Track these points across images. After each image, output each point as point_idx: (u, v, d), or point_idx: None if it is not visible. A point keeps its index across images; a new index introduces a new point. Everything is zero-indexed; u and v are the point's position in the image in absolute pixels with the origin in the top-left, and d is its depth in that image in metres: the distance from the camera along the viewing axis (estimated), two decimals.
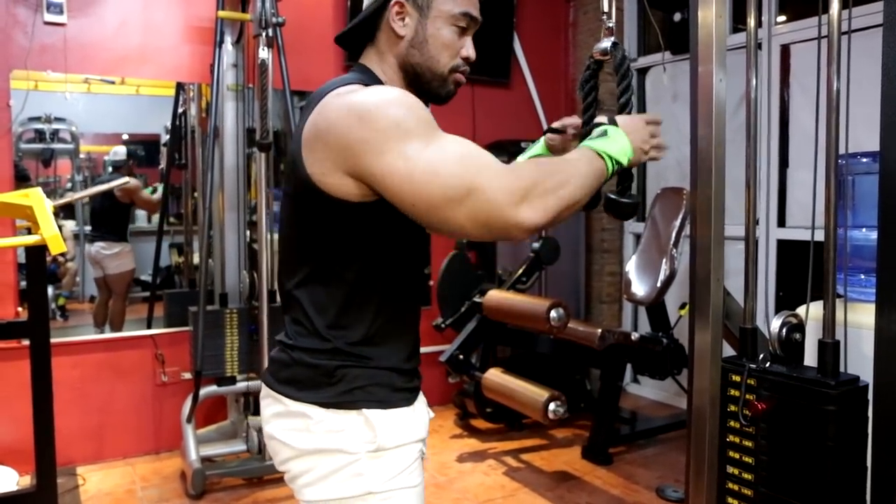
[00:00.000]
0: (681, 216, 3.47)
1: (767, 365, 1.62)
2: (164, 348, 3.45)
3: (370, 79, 1.20)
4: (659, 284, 3.45)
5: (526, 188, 1.03)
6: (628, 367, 4.22)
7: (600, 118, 1.29)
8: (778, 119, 3.61)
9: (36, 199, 2.28)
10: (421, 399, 1.27)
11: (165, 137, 3.82)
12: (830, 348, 1.52)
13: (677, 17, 3.95)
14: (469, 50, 1.24)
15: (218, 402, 3.51)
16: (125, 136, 3.78)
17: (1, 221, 3.06)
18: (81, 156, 3.69)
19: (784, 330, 1.64)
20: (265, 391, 1.24)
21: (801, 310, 2.03)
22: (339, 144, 1.07)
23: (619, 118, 1.25)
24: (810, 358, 1.73)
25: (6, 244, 2.63)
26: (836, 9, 1.52)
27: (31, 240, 2.20)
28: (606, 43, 1.36)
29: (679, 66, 4.13)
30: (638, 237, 4.29)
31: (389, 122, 1.04)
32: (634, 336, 3.31)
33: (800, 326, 1.66)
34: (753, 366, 1.62)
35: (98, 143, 3.78)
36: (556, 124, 1.42)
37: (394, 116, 1.05)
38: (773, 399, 1.53)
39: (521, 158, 1.43)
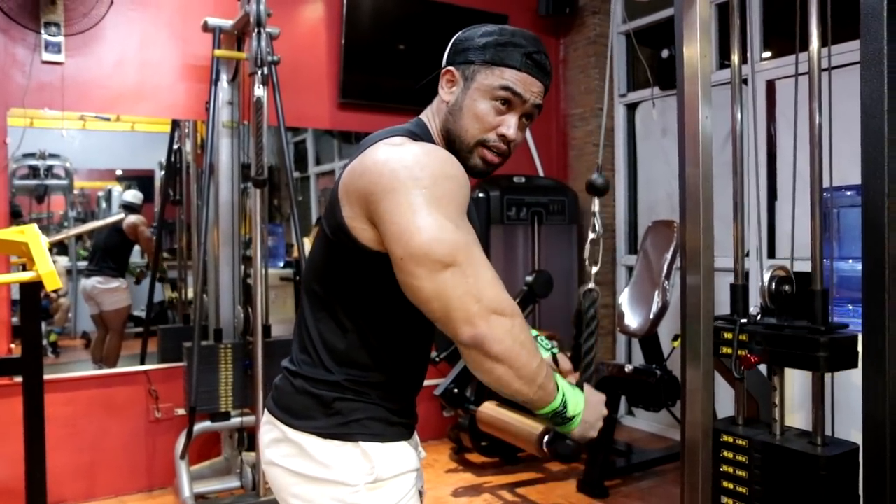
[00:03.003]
0: (672, 248, 3.51)
1: (759, 318, 1.65)
2: (157, 384, 3.44)
3: (422, 132, 1.25)
4: (652, 316, 3.48)
5: (505, 310, 1.05)
6: (622, 399, 4.22)
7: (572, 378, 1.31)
8: (765, 153, 3.67)
9: (31, 235, 2.29)
10: (415, 437, 1.32)
11: (160, 173, 3.85)
12: (820, 296, 1.55)
13: (665, 53, 4.04)
14: (507, 129, 1.21)
15: (212, 437, 3.48)
16: (119, 172, 3.81)
17: None
18: (75, 192, 3.71)
19: (773, 283, 1.68)
20: (266, 416, 1.27)
21: None
22: (367, 189, 1.10)
23: (586, 388, 1.25)
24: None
25: (1, 281, 2.63)
26: (816, 46, 1.58)
27: (26, 276, 2.21)
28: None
29: (668, 102, 4.21)
30: (630, 269, 4.32)
31: (419, 179, 1.06)
32: (628, 368, 3.32)
33: (789, 279, 1.69)
34: (744, 320, 1.65)
35: (92, 179, 3.80)
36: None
37: (425, 177, 1.07)
38: (765, 350, 1.56)
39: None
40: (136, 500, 3.36)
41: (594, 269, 1.48)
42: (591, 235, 1.47)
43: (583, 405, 1.19)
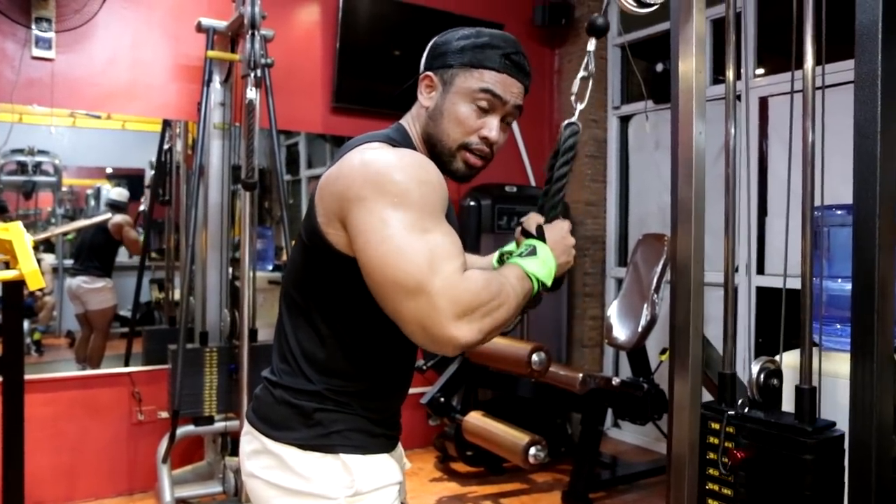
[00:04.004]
0: (662, 262, 3.51)
1: (746, 410, 1.63)
2: (141, 386, 3.40)
3: (402, 138, 1.23)
4: (640, 329, 3.47)
5: (470, 306, 1.01)
6: (609, 411, 4.21)
7: (530, 220, 1.28)
8: (757, 169, 3.68)
9: (16, 232, 2.26)
10: (399, 449, 1.30)
11: (150, 173, 3.82)
12: (807, 394, 1.54)
13: (659, 67, 4.05)
14: (489, 131, 1.21)
15: (194, 442, 3.44)
16: (109, 170, 3.78)
17: None
18: (63, 189, 3.67)
19: (762, 375, 1.66)
20: (246, 427, 1.25)
21: (779, 358, 2.05)
22: (340, 195, 1.09)
23: (547, 230, 1.24)
24: (788, 403, 1.75)
25: None
26: (811, 65, 1.57)
27: (8, 275, 2.18)
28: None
29: (661, 115, 4.22)
30: (620, 282, 4.32)
31: (392, 186, 1.05)
32: (616, 381, 3.31)
33: (777, 372, 1.68)
34: (732, 412, 1.63)
35: (81, 177, 3.76)
36: (526, 225, 1.34)
37: (399, 183, 1.05)
38: (752, 448, 1.53)
39: (494, 257, 1.40)
40: (116, 503, 3.32)
41: (580, 107, 1.45)
42: (582, 73, 1.44)
43: (552, 258, 1.20)
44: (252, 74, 2.85)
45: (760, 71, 3.75)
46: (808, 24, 1.56)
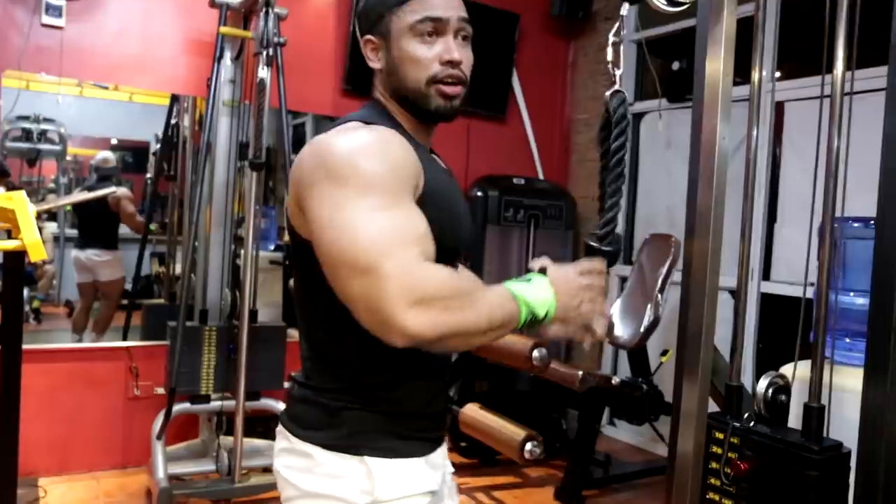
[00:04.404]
0: (668, 263, 3.47)
1: (752, 424, 1.61)
2: (138, 361, 3.38)
3: (375, 112, 1.18)
4: (642, 329, 3.44)
5: (426, 295, 0.93)
6: (606, 409, 4.20)
7: (536, 262, 1.13)
8: (768, 174, 3.65)
9: (19, 202, 2.23)
10: (440, 452, 1.20)
11: (155, 146, 3.78)
12: (815, 413, 1.51)
13: (676, 65, 4.00)
14: (448, 53, 1.13)
15: (190, 419, 3.43)
16: (114, 141, 3.75)
17: None
18: (68, 158, 3.64)
19: (770, 390, 1.64)
20: (279, 426, 1.20)
21: (785, 368, 2.02)
22: (297, 182, 1.05)
23: (550, 268, 1.09)
24: (794, 417, 1.73)
25: None
26: (841, 69, 1.53)
27: (10, 245, 2.15)
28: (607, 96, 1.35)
29: (674, 114, 4.17)
30: (623, 280, 4.29)
31: (343, 169, 1.00)
32: (615, 380, 3.29)
33: (786, 388, 1.66)
34: (738, 424, 1.61)
35: (86, 147, 3.74)
36: (536, 265, 1.22)
37: (350, 165, 1.00)
38: (757, 460, 1.51)
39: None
40: (109, 476, 3.31)
41: (619, 72, 1.38)
42: (613, 38, 1.38)
43: (551, 296, 1.04)
44: (264, 53, 2.81)
45: (777, 74, 3.71)
46: (841, 27, 1.52)
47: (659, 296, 3.44)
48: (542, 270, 1.09)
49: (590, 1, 4.45)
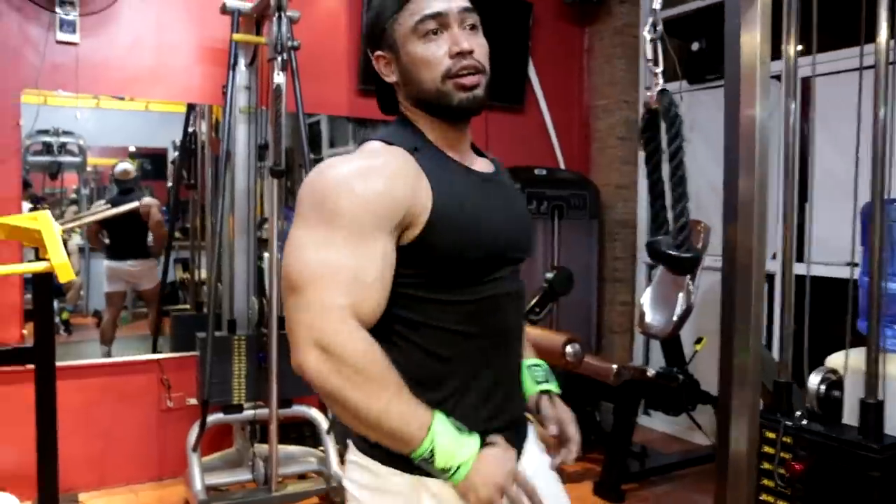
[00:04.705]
0: (699, 249, 3.41)
1: (805, 422, 1.56)
2: (169, 373, 3.38)
3: (400, 130, 1.18)
4: (675, 318, 3.38)
5: (330, 347, 0.98)
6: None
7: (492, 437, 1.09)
8: (797, 153, 3.55)
9: (44, 222, 2.22)
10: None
11: (173, 153, 3.78)
12: (873, 409, 1.46)
13: (695, 46, 3.92)
14: (457, 45, 1.11)
15: (223, 429, 3.43)
16: (132, 149, 3.74)
17: (7, 242, 3.00)
18: (88, 168, 3.65)
19: (823, 386, 1.58)
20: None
21: (832, 359, 1.96)
22: (299, 196, 1.11)
23: (489, 446, 1.06)
24: (849, 411, 1.67)
25: (13, 271, 2.57)
26: (885, 37, 1.46)
27: (38, 267, 2.15)
28: (653, 95, 1.29)
29: (695, 96, 4.08)
30: (651, 267, 4.22)
31: (323, 201, 1.05)
32: (650, 373, 3.24)
33: (839, 383, 1.60)
34: (790, 422, 1.56)
35: (105, 156, 3.74)
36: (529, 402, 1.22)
37: (330, 200, 1.05)
38: (812, 459, 1.46)
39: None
40: (147, 489, 3.32)
41: (659, 70, 1.32)
42: (650, 36, 1.31)
43: (467, 461, 1.02)
44: (279, 58, 2.77)
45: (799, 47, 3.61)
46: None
47: (690, 283, 3.38)
48: (484, 442, 1.06)
49: None
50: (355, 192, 1.04)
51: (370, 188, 1.04)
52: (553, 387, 1.30)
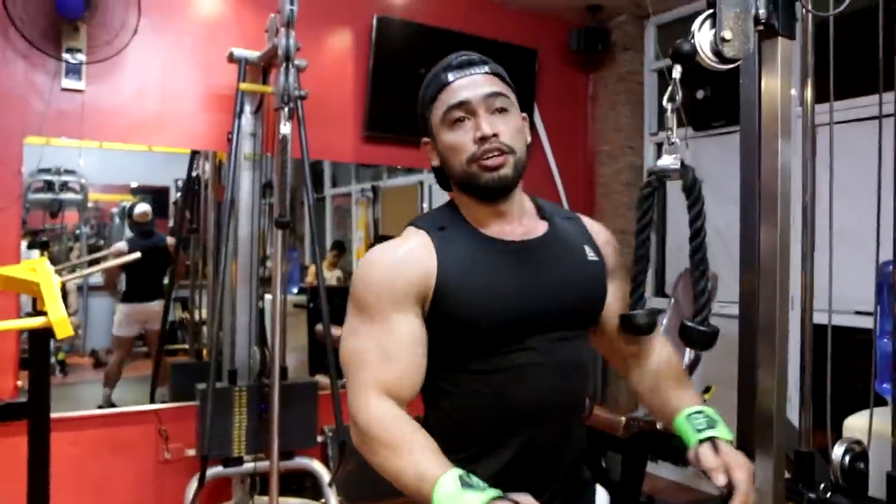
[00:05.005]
0: None
1: (829, 495, 1.50)
2: (167, 423, 3.30)
3: (441, 209, 1.31)
4: (684, 368, 3.33)
5: (359, 422, 1.13)
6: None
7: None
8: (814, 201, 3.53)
9: (43, 274, 2.16)
10: None
11: (175, 194, 3.75)
12: None
13: (700, 94, 3.92)
14: (478, 130, 1.19)
15: (221, 480, 3.34)
16: (134, 185, 3.72)
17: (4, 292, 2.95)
18: (90, 204, 3.62)
19: (847, 457, 1.52)
20: None
21: (851, 421, 1.90)
22: None
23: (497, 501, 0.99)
24: (874, 482, 1.61)
25: (9, 327, 2.49)
26: None
27: (35, 323, 2.08)
28: (674, 162, 1.24)
29: (699, 143, 4.08)
30: (658, 312, 4.17)
31: (352, 290, 1.21)
32: (660, 425, 3.17)
33: (864, 455, 1.54)
34: (813, 495, 1.50)
35: (106, 192, 3.71)
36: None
37: (354, 290, 1.21)
38: None
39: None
40: None
41: (675, 139, 1.26)
42: (670, 105, 1.26)
43: None
44: (286, 108, 2.76)
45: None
46: None
47: None
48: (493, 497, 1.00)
49: (608, 32, 4.39)
50: (372, 280, 1.18)
51: (383, 275, 1.18)
52: (718, 432, 1.22)
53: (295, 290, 4.08)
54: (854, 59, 2.34)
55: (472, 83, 1.21)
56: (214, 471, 3.05)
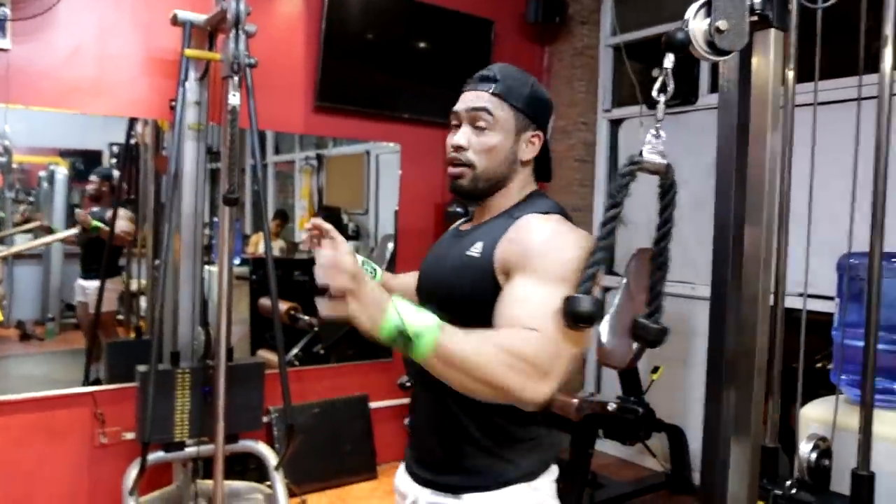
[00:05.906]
0: None
1: (794, 492, 1.50)
2: (104, 406, 3.14)
3: None
4: (635, 349, 3.35)
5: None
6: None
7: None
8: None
9: None
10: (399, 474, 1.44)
11: (110, 158, 3.53)
12: (866, 482, 1.41)
13: (656, 72, 3.89)
14: (450, 139, 1.34)
15: (162, 464, 3.21)
16: (62, 149, 3.49)
17: None
18: (14, 166, 3.38)
19: (814, 455, 1.53)
20: None
21: (808, 410, 1.92)
22: None
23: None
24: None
25: None
26: (889, 65, 1.40)
27: None
28: (661, 161, 1.19)
29: (652, 121, 4.07)
30: (605, 290, 4.18)
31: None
32: (611, 407, 3.18)
33: (828, 452, 1.55)
34: (779, 492, 1.50)
35: (34, 155, 3.48)
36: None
37: None
38: None
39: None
40: None
41: (664, 136, 1.22)
42: (661, 97, 1.22)
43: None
44: (235, 77, 2.60)
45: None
46: (890, 25, 1.40)
47: None
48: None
49: (565, 5, 4.31)
50: None
51: None
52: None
53: (237, 262, 3.92)
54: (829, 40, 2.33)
55: (472, 97, 1.33)
56: (156, 456, 2.92)
